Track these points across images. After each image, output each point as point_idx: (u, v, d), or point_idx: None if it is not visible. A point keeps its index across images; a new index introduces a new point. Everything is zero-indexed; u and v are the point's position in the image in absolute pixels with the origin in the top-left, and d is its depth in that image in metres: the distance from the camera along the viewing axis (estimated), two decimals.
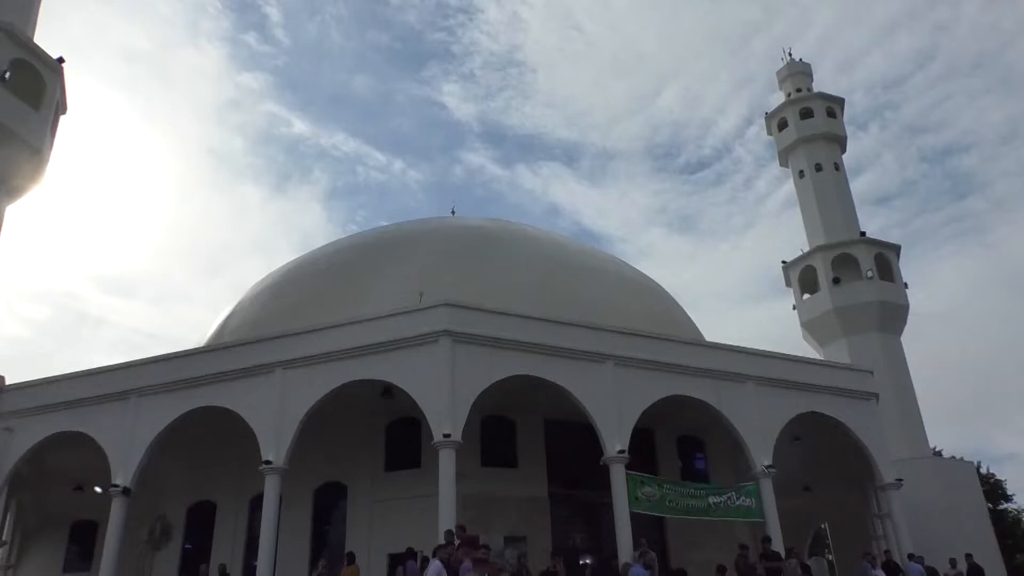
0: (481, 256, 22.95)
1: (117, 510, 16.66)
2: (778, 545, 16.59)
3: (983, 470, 36.83)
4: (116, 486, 16.73)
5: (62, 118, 23.15)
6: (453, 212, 30.21)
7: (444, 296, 16.77)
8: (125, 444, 17.08)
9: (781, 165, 34.28)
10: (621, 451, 16.49)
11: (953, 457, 29.38)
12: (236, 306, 25.39)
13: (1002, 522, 34.71)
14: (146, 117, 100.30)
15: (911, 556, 17.81)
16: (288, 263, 26.90)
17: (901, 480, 19.56)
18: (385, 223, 32.15)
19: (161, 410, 17.12)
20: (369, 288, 21.16)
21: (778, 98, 35.83)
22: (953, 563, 18.08)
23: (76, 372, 18.88)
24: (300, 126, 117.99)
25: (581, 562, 17.58)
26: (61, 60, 21.89)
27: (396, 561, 16.27)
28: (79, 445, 17.70)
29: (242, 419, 16.40)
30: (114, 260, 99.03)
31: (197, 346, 21.71)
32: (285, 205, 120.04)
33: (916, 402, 27.22)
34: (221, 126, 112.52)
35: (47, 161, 22.02)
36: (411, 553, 15.45)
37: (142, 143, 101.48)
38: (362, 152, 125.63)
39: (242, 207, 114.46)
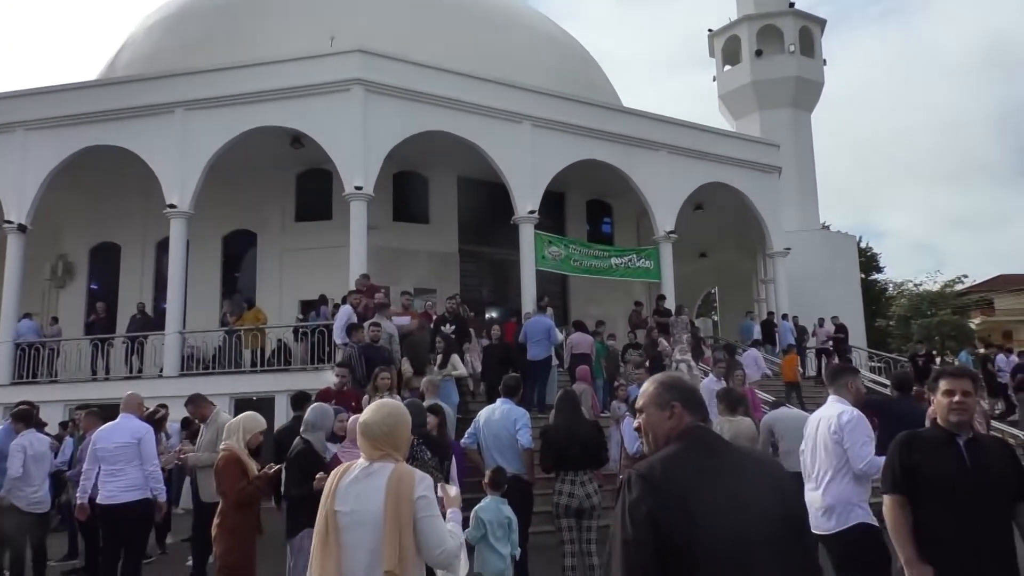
0: (398, 1, 21.41)
1: (14, 247, 16.19)
2: (671, 304, 17.85)
3: (863, 244, 39.78)
4: (10, 222, 16.14)
5: None
6: None
7: (357, 42, 15.84)
8: (16, 180, 16.19)
9: None
10: (532, 211, 16.90)
11: (839, 231, 31.41)
12: (128, 39, 23.27)
13: (871, 291, 38.33)
14: None
15: (784, 316, 19.87)
16: None
17: (789, 249, 20.96)
18: None
19: (52, 146, 16.10)
20: (276, 28, 19.60)
21: None
22: (820, 322, 20.07)
23: None
24: None
25: (487, 315, 18.59)
26: None
27: (307, 307, 16.81)
28: None
29: (143, 161, 15.73)
30: None
31: (87, 80, 20.10)
32: None
33: (815, 178, 28.43)
34: None
35: None
36: (323, 300, 16.00)
37: None
38: None
39: None
